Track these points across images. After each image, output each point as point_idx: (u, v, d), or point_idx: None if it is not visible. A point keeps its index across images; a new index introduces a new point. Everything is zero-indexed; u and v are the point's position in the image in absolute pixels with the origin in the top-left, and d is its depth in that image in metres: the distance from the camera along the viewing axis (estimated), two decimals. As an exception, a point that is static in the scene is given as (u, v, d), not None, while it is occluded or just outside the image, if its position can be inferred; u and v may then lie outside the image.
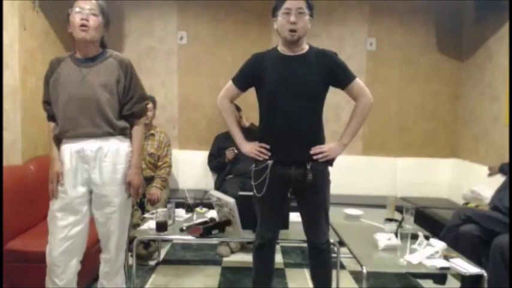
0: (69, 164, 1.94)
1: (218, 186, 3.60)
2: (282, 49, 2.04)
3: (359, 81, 2.07)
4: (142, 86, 2.12)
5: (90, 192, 1.99)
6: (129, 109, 2.03)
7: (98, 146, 1.94)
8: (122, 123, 2.01)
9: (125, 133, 2.03)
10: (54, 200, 1.95)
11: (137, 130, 2.09)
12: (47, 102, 2.03)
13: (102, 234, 2.05)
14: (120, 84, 1.99)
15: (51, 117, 2.03)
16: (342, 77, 2.04)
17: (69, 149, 1.95)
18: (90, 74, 1.94)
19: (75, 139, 1.94)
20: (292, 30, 1.92)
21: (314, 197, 2.06)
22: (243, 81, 2.13)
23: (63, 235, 1.93)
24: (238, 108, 3.72)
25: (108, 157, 1.96)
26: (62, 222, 1.93)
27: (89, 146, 1.94)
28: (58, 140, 2.00)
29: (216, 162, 3.76)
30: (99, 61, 1.99)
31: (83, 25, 1.88)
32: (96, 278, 2.19)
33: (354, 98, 2.10)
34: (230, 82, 2.16)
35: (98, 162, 1.95)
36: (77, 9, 1.90)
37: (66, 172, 1.95)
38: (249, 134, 2.35)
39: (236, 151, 3.53)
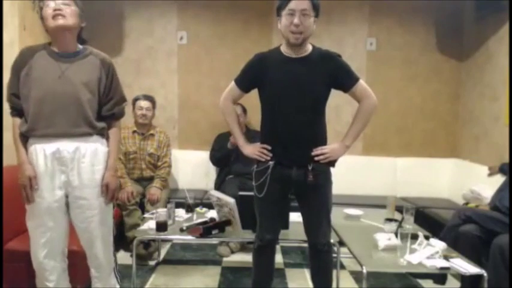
0: (44, 166, 1.83)
1: (218, 186, 3.59)
2: (285, 50, 2.00)
3: (362, 83, 2.05)
4: (121, 87, 2.04)
5: (67, 196, 1.90)
6: (109, 110, 1.96)
7: (75, 147, 1.84)
8: (101, 124, 1.93)
9: (102, 133, 1.95)
10: (32, 205, 1.86)
11: (115, 132, 2.01)
12: (14, 95, 1.87)
13: (85, 241, 1.96)
14: (101, 84, 1.91)
15: (17, 112, 1.89)
16: (345, 81, 2.02)
17: (42, 151, 1.83)
18: (70, 70, 1.84)
19: (48, 138, 1.83)
20: (296, 33, 1.88)
21: (315, 197, 2.05)
22: (245, 82, 2.11)
23: (44, 240, 1.87)
24: (244, 110, 3.72)
25: (86, 158, 1.87)
26: (42, 228, 1.87)
27: (65, 146, 1.83)
28: (24, 139, 1.88)
29: (219, 154, 3.71)
30: (80, 57, 1.88)
31: (58, 14, 1.77)
32: (96, 278, 2.18)
33: (357, 100, 2.07)
34: (232, 83, 2.14)
35: (76, 164, 1.85)
36: (49, 2, 1.80)
37: (42, 176, 1.84)
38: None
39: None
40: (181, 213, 2.81)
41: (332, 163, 2.06)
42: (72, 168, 1.86)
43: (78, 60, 1.88)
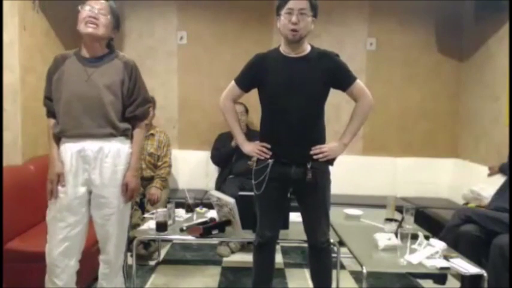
0: (69, 165, 1.92)
1: (218, 186, 3.59)
2: (284, 50, 2.04)
3: (359, 83, 2.08)
4: (146, 88, 2.11)
5: (90, 192, 1.98)
6: (131, 111, 2.02)
7: (99, 147, 1.92)
8: (124, 125, 2.00)
9: (126, 134, 2.02)
10: (54, 200, 1.94)
11: (138, 132, 2.07)
12: (48, 98, 2.00)
13: (101, 236, 2.03)
14: (124, 86, 1.97)
15: (51, 114, 2.01)
16: (343, 80, 2.05)
17: (69, 150, 1.93)
18: (96, 74, 1.93)
19: (76, 139, 1.92)
20: (294, 30, 1.92)
21: (314, 196, 2.06)
22: (245, 82, 2.13)
23: (62, 236, 1.92)
24: (246, 110, 3.72)
25: (109, 158, 1.94)
26: (62, 223, 1.93)
27: (90, 146, 1.92)
28: (58, 139, 1.98)
29: (220, 153, 3.71)
30: (106, 61, 1.97)
31: (91, 22, 1.87)
32: (96, 278, 2.18)
33: (354, 99, 2.11)
34: (233, 82, 2.16)
35: (99, 163, 1.93)
36: (87, 7, 1.89)
37: (67, 173, 1.93)
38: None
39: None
40: (181, 213, 2.81)
41: (330, 161, 2.08)
42: (94, 167, 1.93)
43: (103, 64, 1.97)
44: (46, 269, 1.97)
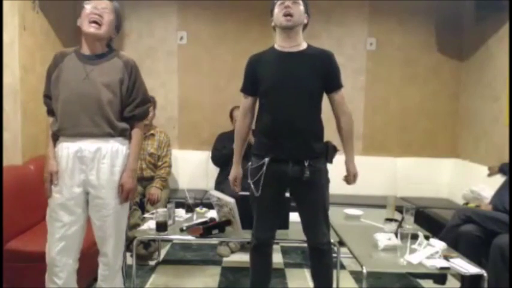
0: (65, 165, 1.89)
1: (218, 186, 3.59)
2: (279, 45, 2.04)
3: (343, 92, 2.09)
4: (146, 88, 2.08)
5: (87, 193, 1.94)
6: (130, 111, 1.99)
7: (97, 147, 1.89)
8: (123, 125, 1.97)
9: (124, 135, 1.99)
10: (51, 199, 1.93)
11: (137, 133, 2.03)
12: (47, 96, 1.98)
13: (99, 238, 2.00)
14: (123, 85, 1.95)
15: (51, 112, 1.99)
16: (332, 81, 2.05)
17: (66, 149, 1.90)
18: (94, 72, 1.90)
19: (73, 138, 1.89)
20: (287, 15, 1.93)
21: (312, 195, 2.04)
22: (248, 86, 2.12)
23: (59, 235, 1.91)
24: None
25: (107, 158, 1.91)
26: (58, 223, 1.91)
27: (88, 146, 1.89)
28: (55, 137, 1.95)
29: (221, 154, 3.66)
30: (105, 60, 1.95)
31: (94, 20, 1.86)
32: (96, 278, 2.18)
33: (332, 107, 2.11)
34: (242, 94, 2.17)
35: (96, 164, 1.90)
36: (92, 5, 1.88)
37: (62, 174, 1.90)
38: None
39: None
40: (181, 213, 2.80)
41: (330, 159, 2.07)
42: (92, 168, 1.90)
43: (102, 62, 1.94)
44: (46, 268, 1.97)
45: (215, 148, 3.81)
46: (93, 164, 1.90)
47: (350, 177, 2.15)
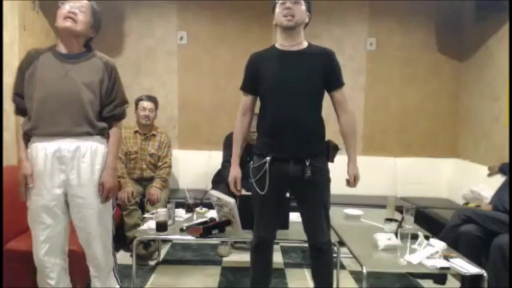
0: (43, 166, 1.85)
1: (218, 186, 3.57)
2: (280, 44, 2.04)
3: (344, 91, 2.09)
4: (123, 90, 2.07)
5: (66, 194, 1.90)
6: (110, 111, 1.98)
7: (76, 146, 1.86)
8: (102, 124, 1.96)
9: (103, 133, 1.97)
10: (30, 203, 1.88)
11: (115, 131, 2.02)
12: (18, 95, 1.92)
13: (84, 240, 1.96)
14: (103, 85, 1.94)
15: (21, 111, 1.92)
16: (333, 80, 2.05)
17: (43, 149, 1.85)
18: (74, 70, 1.87)
19: (50, 137, 1.85)
20: (288, 15, 1.93)
21: (313, 194, 2.04)
22: (247, 84, 2.12)
23: (43, 237, 1.89)
24: None
25: (86, 157, 1.88)
26: (41, 225, 1.89)
27: (66, 145, 1.85)
28: (27, 137, 1.90)
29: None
30: (84, 59, 1.92)
31: (69, 17, 1.82)
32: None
33: (334, 106, 2.10)
34: (242, 92, 2.16)
35: (76, 163, 1.87)
36: (67, 5, 1.85)
37: (41, 174, 1.85)
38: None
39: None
40: (181, 213, 2.81)
41: (331, 158, 2.07)
42: (72, 167, 1.87)
43: (82, 61, 1.92)
44: (37, 270, 1.96)
45: (226, 161, 3.62)
46: (73, 163, 1.87)
47: (351, 180, 2.13)
